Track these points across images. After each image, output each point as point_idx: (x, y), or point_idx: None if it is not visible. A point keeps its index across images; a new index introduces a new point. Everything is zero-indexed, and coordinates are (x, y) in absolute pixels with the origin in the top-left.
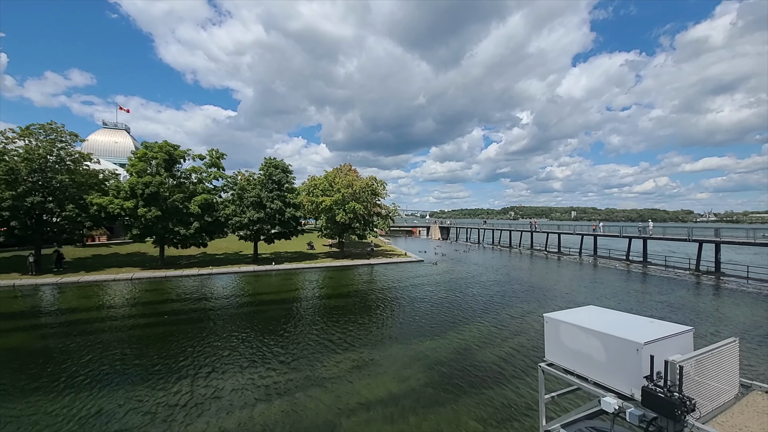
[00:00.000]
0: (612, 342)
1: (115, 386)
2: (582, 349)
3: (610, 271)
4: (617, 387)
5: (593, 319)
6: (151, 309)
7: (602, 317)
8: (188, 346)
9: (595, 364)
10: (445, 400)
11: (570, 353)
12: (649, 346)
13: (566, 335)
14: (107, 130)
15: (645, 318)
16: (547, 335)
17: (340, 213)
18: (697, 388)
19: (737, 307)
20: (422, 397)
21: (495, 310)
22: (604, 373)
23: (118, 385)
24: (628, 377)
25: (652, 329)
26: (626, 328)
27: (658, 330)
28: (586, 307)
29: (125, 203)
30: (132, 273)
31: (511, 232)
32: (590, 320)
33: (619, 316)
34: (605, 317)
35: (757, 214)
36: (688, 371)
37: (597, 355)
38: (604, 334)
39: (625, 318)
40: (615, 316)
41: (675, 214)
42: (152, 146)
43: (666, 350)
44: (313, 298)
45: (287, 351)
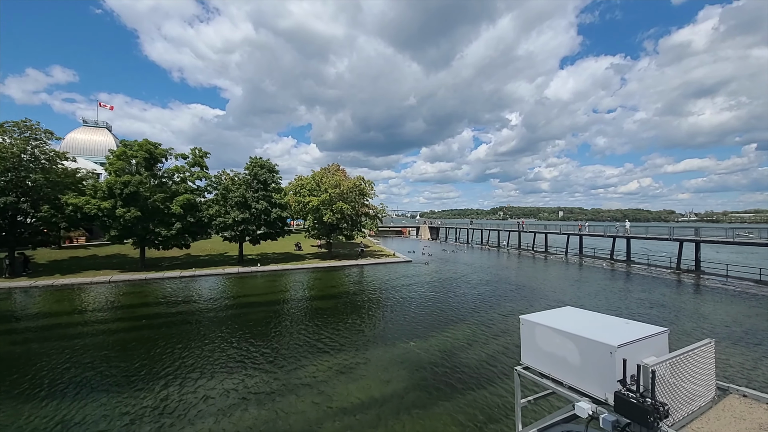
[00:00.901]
0: (586, 345)
1: (96, 392)
2: (557, 352)
3: (595, 270)
4: (591, 391)
5: (569, 321)
6: (128, 313)
7: (578, 319)
8: (165, 351)
9: (570, 367)
10: (426, 403)
11: (545, 356)
12: (623, 349)
13: (541, 338)
14: (87, 128)
15: (621, 319)
16: (522, 338)
17: (327, 213)
18: (672, 392)
19: (716, 305)
20: (404, 400)
21: (481, 309)
22: (578, 376)
23: (99, 391)
24: (602, 381)
25: (627, 331)
26: (601, 330)
27: (633, 332)
28: (563, 308)
29: (102, 203)
30: (110, 276)
31: (499, 232)
32: (565, 322)
33: (595, 317)
34: (581, 319)
35: (736, 213)
36: (663, 375)
37: (571, 358)
38: (578, 336)
39: (601, 319)
40: (591, 317)
41: (658, 214)
42: (132, 144)
43: (640, 353)
44: (298, 299)
45: (268, 355)
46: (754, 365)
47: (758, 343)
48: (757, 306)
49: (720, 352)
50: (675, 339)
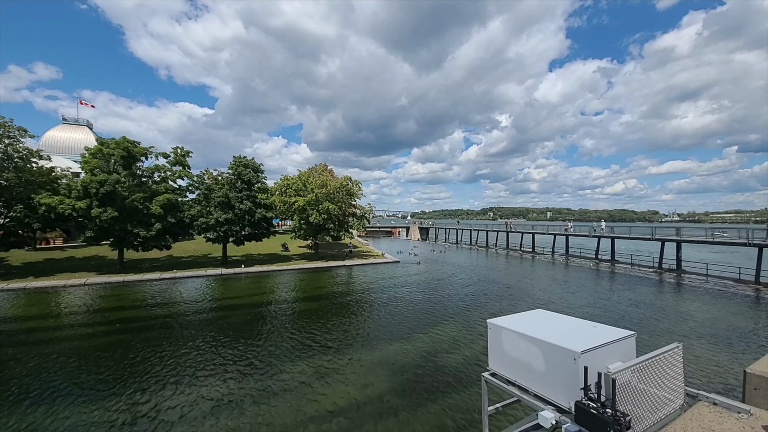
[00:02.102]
0: (550, 350)
1: (66, 400)
2: (522, 358)
3: (580, 269)
4: (556, 399)
5: (536, 325)
6: (102, 317)
7: (546, 323)
8: (139, 357)
9: (535, 374)
10: (405, 407)
11: (512, 362)
12: (587, 356)
13: (508, 343)
14: (67, 126)
15: (590, 323)
16: (490, 343)
17: (313, 214)
18: (638, 399)
19: (696, 304)
20: (382, 405)
21: (467, 310)
22: (543, 384)
23: (69, 399)
24: (566, 389)
25: (593, 336)
26: (566, 335)
27: (599, 337)
28: (534, 311)
29: (77, 203)
30: (86, 278)
31: (487, 232)
32: (532, 326)
33: (564, 321)
34: (549, 322)
35: (717, 214)
36: (627, 381)
37: (537, 365)
38: (542, 341)
39: (569, 323)
40: (559, 321)
41: (642, 214)
42: (108, 142)
43: (606, 358)
44: (281, 301)
45: (246, 359)
46: (731, 364)
47: (736, 343)
48: (736, 305)
49: (698, 352)
50: (657, 337)
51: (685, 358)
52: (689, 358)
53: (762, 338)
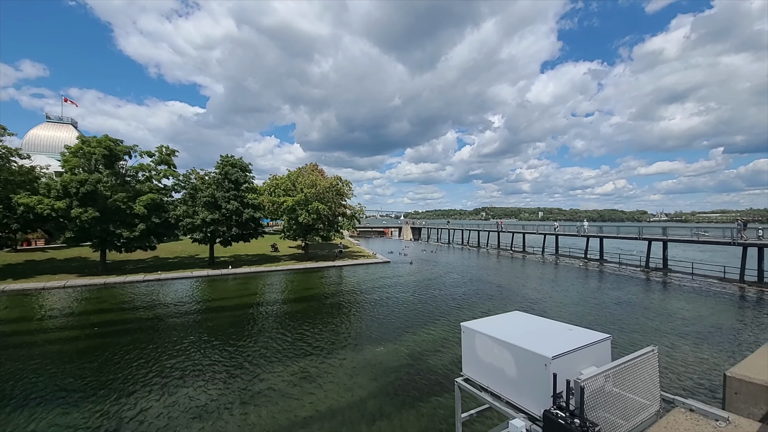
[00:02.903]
0: (522, 355)
1: (40, 406)
2: (495, 363)
3: (569, 269)
4: (528, 407)
5: (509, 329)
6: (80, 320)
7: (521, 325)
8: (115, 362)
9: (508, 380)
10: (388, 412)
11: (484, 367)
12: (558, 361)
13: (481, 347)
14: (51, 125)
15: (566, 326)
16: (464, 347)
17: (302, 214)
18: (612, 406)
19: (682, 303)
20: (363, 410)
21: (455, 311)
22: (515, 390)
23: (42, 406)
24: (537, 396)
25: (567, 340)
26: (539, 338)
27: (573, 341)
28: (511, 313)
29: (57, 203)
30: (66, 280)
31: (479, 232)
32: (506, 330)
33: (539, 324)
34: (524, 325)
35: (703, 214)
36: (600, 387)
37: (509, 370)
38: (514, 346)
39: (544, 326)
40: (534, 324)
41: (631, 214)
42: (89, 140)
43: (579, 363)
44: (267, 303)
45: (229, 363)
46: (715, 363)
47: (720, 342)
48: (720, 303)
49: (683, 350)
50: (642, 336)
51: (670, 357)
52: (674, 357)
53: (745, 337)
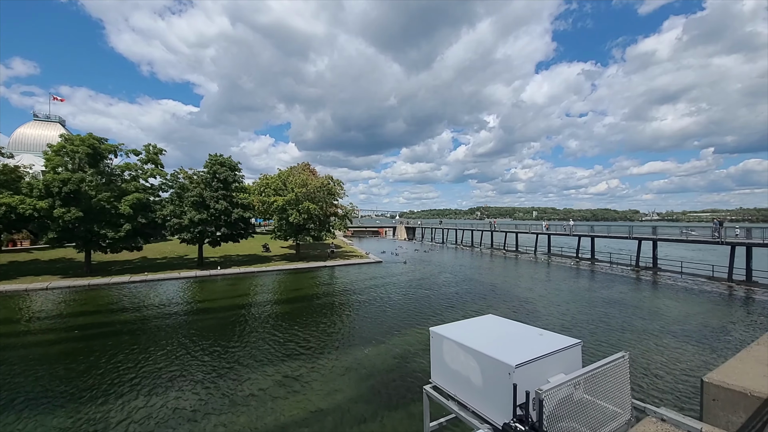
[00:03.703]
0: (487, 363)
1: (14, 413)
2: (461, 371)
3: (561, 268)
4: (493, 418)
5: (478, 334)
6: (60, 323)
7: (492, 330)
8: (93, 366)
9: (474, 388)
10: (371, 416)
11: (452, 375)
12: (522, 370)
13: (448, 353)
14: (38, 123)
15: (537, 330)
16: (432, 353)
17: (293, 213)
18: (580, 415)
19: (671, 302)
20: (348, 413)
21: (446, 311)
22: (481, 400)
23: (17, 412)
24: (502, 407)
25: (536, 346)
26: (507, 345)
27: (542, 346)
28: (484, 316)
29: (39, 203)
30: (48, 282)
31: (472, 231)
32: (474, 335)
33: (511, 328)
34: (494, 330)
35: (694, 213)
36: (567, 397)
37: (475, 379)
38: (479, 353)
39: (515, 331)
40: (506, 328)
41: (624, 213)
42: (73, 139)
43: (547, 370)
44: (255, 304)
45: (209, 367)
46: (699, 362)
47: (706, 341)
48: (708, 302)
49: (671, 350)
50: (630, 335)
51: (657, 357)
52: (661, 357)
53: (731, 336)
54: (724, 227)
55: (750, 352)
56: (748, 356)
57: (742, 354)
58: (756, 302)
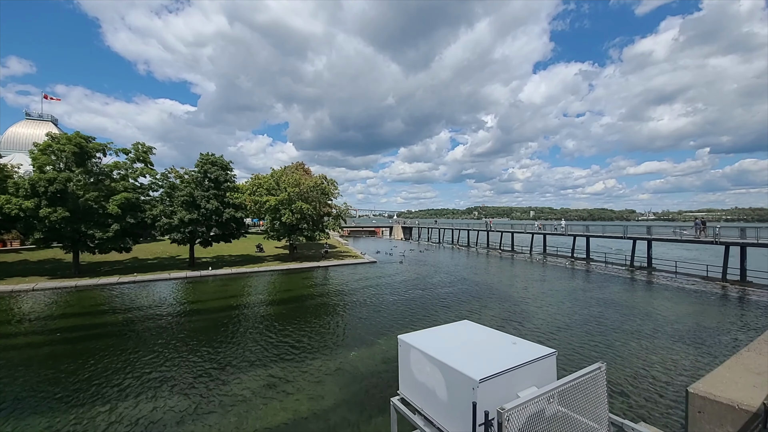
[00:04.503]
0: (451, 376)
1: (28, 410)
2: (428, 383)
3: (556, 268)
4: None
5: (448, 343)
6: (43, 325)
7: (463, 338)
8: (71, 369)
9: (439, 402)
10: (357, 421)
11: (418, 387)
12: (488, 384)
13: (415, 363)
14: (31, 122)
15: (510, 338)
16: (400, 362)
17: (286, 213)
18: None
19: (665, 302)
20: (332, 419)
21: (439, 312)
22: (447, 415)
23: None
24: (468, 423)
25: (506, 357)
26: (475, 355)
27: (511, 357)
28: (460, 322)
29: (25, 203)
30: (35, 283)
31: (468, 231)
32: (443, 344)
33: (485, 336)
34: (466, 338)
35: (690, 212)
36: (536, 413)
37: (440, 392)
38: (445, 364)
39: (489, 339)
40: (479, 336)
41: (620, 213)
42: (59, 137)
43: (517, 383)
44: (245, 306)
45: (192, 370)
46: (691, 368)
47: (700, 343)
48: (702, 303)
49: (664, 352)
50: (623, 336)
51: (650, 359)
52: (654, 359)
53: (725, 338)
54: (706, 227)
55: (739, 359)
56: (736, 364)
57: (731, 361)
58: (749, 302)
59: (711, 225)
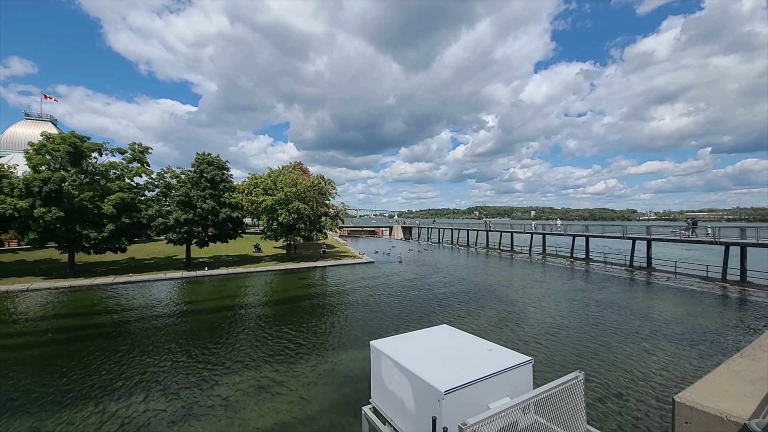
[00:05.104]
0: (419, 386)
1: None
2: (397, 392)
3: (555, 268)
4: None
5: (420, 350)
6: (34, 326)
7: (438, 345)
8: (70, 370)
9: (408, 413)
10: (343, 426)
11: (388, 396)
12: (455, 395)
13: (386, 371)
14: (30, 122)
15: (487, 345)
16: (372, 370)
17: (283, 213)
18: None
19: (663, 303)
20: (319, 423)
21: (434, 313)
22: (413, 428)
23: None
24: None
25: (478, 365)
26: (446, 364)
27: (484, 366)
28: (438, 327)
29: (19, 203)
30: (30, 283)
31: (468, 231)
32: (416, 351)
33: (461, 342)
34: (441, 345)
35: (691, 212)
36: (508, 425)
37: (408, 402)
38: (412, 374)
39: (465, 346)
40: (455, 343)
41: (621, 213)
42: (54, 137)
43: (489, 393)
44: (240, 306)
45: (181, 372)
46: (687, 369)
47: (695, 345)
48: (702, 304)
49: (661, 355)
50: (619, 337)
51: (646, 361)
52: (649, 361)
53: (724, 340)
54: (698, 226)
55: (731, 366)
56: (728, 371)
57: (722, 368)
58: (749, 303)
59: (702, 225)
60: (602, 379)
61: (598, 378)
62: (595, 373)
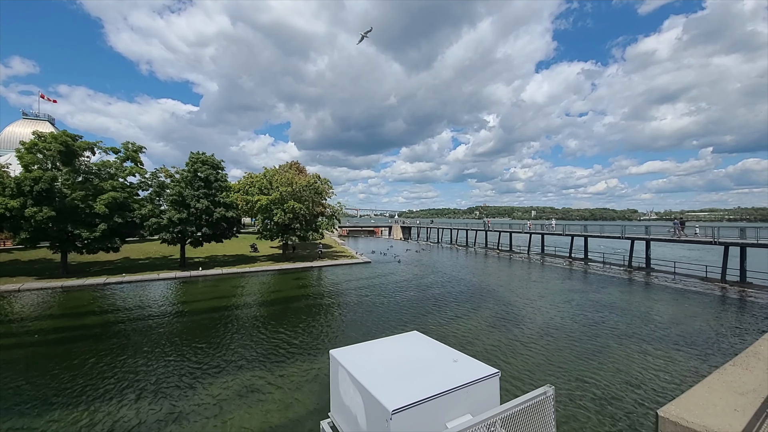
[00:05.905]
0: (370, 403)
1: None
2: (352, 408)
3: (554, 269)
4: None
5: (382, 360)
6: (25, 326)
7: (402, 354)
8: (60, 371)
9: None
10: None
11: (344, 411)
12: (406, 415)
13: (343, 384)
14: (27, 121)
15: (454, 355)
16: (331, 381)
17: (278, 213)
18: None
19: (662, 305)
20: (306, 426)
21: (430, 314)
22: None
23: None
24: None
25: (439, 379)
26: (406, 377)
27: (446, 380)
28: (407, 334)
29: (10, 202)
30: (21, 283)
31: (467, 231)
32: (375, 362)
33: (427, 352)
34: (404, 354)
35: (692, 212)
36: None
37: (361, 420)
38: (364, 389)
39: (430, 356)
40: (420, 352)
41: (622, 213)
42: (46, 136)
43: (449, 410)
44: (233, 307)
45: (163, 375)
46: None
47: (692, 346)
48: (700, 305)
49: (657, 357)
50: (615, 341)
51: (644, 363)
52: (648, 364)
53: (723, 345)
54: (685, 226)
55: (722, 376)
56: (718, 381)
57: (712, 377)
58: (749, 305)
59: (690, 225)
60: (592, 382)
61: (589, 381)
62: (586, 377)
